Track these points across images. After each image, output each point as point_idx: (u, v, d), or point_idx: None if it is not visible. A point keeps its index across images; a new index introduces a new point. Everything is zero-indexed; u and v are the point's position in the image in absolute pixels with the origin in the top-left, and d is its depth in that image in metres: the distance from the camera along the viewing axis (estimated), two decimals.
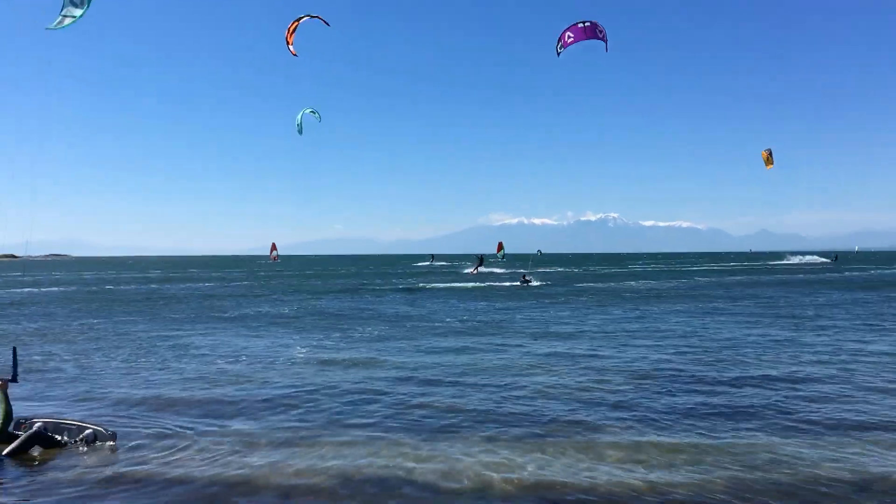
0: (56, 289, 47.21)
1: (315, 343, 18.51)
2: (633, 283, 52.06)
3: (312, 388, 12.45)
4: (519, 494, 7.07)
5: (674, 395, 11.49)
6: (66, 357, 16.38)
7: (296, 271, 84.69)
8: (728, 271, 75.33)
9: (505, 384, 12.55)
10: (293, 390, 12.29)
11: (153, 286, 50.67)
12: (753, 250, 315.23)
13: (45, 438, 8.57)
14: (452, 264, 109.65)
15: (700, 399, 11.22)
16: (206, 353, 16.94)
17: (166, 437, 9.32)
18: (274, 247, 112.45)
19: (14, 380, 8.72)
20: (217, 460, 8.25)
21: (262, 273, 79.00)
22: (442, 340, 18.75)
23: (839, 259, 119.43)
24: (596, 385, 12.40)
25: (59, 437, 8.75)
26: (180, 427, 9.79)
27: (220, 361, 15.57)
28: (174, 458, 8.37)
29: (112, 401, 11.58)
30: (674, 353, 15.87)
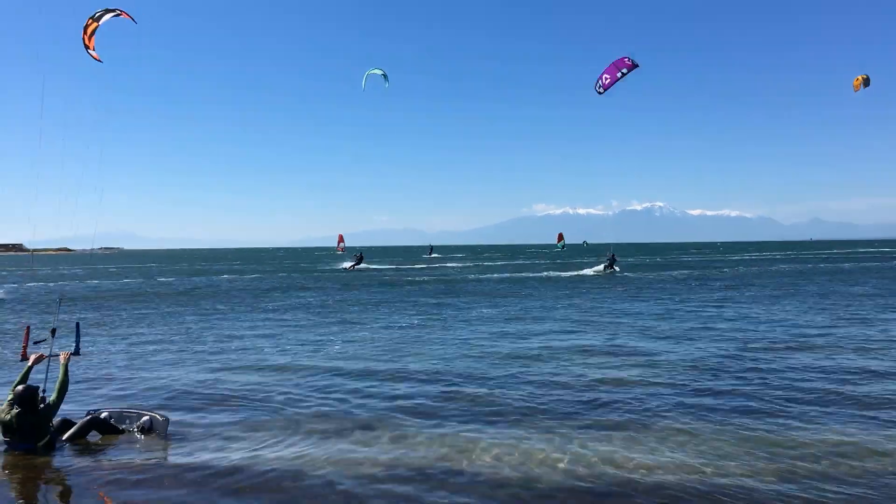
0: (130, 281, 48.33)
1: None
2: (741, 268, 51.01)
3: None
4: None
5: None
6: (133, 346, 16.81)
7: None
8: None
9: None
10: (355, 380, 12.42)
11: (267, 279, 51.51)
12: (813, 239, 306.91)
13: (102, 424, 8.81)
14: (450, 256, 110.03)
15: None
16: (265, 343, 17.24)
17: (220, 425, 9.50)
18: (341, 238, 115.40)
19: (77, 353, 8.97)
20: (270, 447, 8.38)
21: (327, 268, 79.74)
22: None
23: None
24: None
25: (117, 425, 9.00)
26: (232, 415, 9.98)
27: (276, 350, 15.84)
28: (227, 445, 8.52)
29: (171, 389, 11.85)
30: None
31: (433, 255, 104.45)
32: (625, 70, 20.07)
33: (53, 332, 9.45)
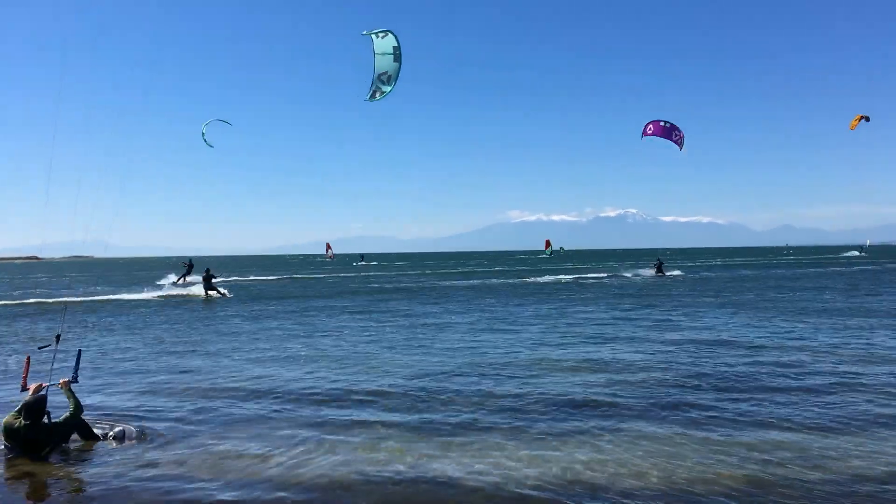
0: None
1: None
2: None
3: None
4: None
5: None
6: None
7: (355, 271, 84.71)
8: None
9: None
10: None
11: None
12: (788, 244, 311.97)
13: (84, 428, 8.81)
14: (381, 264, 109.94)
15: None
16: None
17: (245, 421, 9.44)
18: (329, 246, 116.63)
19: (75, 380, 9.06)
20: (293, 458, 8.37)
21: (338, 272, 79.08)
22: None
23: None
24: None
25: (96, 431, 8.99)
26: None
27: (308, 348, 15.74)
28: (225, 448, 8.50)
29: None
30: None
31: (362, 263, 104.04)
32: (674, 141, 21.27)
33: (58, 338, 9.52)
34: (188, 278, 47.04)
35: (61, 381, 8.86)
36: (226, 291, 37.13)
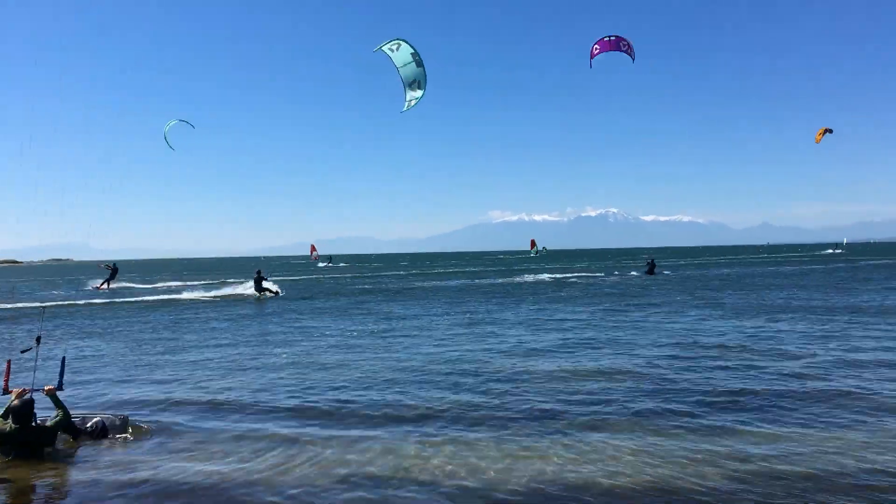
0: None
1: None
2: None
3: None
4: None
5: None
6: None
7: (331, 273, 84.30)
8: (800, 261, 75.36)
9: None
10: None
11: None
12: (770, 243, 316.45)
13: (71, 426, 8.90)
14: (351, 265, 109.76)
15: None
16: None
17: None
18: (314, 248, 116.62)
19: (60, 388, 9.09)
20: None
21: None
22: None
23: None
24: None
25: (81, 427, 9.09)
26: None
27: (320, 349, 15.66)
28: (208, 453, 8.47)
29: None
30: None
31: (329, 265, 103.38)
32: (624, 51, 20.22)
33: (38, 339, 9.67)
34: (112, 284, 45.08)
35: (46, 388, 8.87)
36: (277, 290, 37.57)
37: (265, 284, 36.90)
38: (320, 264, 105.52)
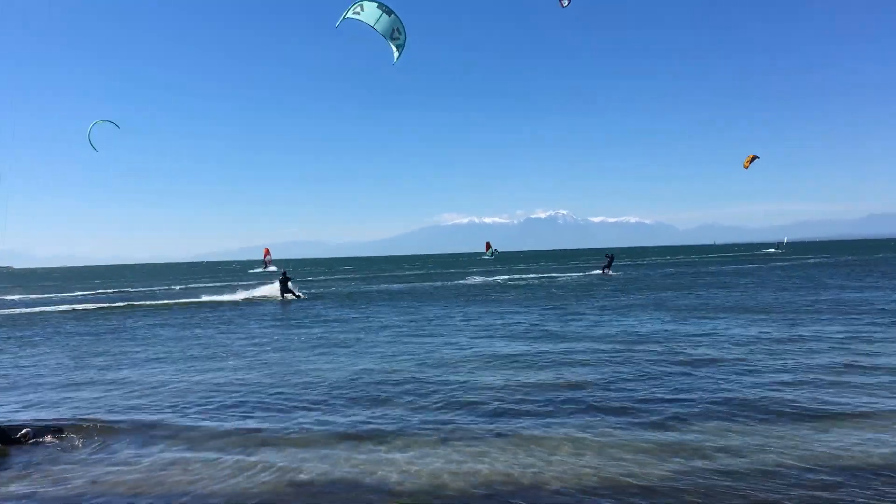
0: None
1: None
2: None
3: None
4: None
5: None
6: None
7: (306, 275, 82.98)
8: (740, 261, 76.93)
9: None
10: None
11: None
12: (717, 243, 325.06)
13: (2, 433, 8.80)
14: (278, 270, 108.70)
15: None
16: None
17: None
18: (267, 252, 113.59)
19: None
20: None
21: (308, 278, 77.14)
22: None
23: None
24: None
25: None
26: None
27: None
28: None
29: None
30: None
31: (267, 270, 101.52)
32: None
33: None
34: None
35: None
36: (300, 293, 37.64)
37: (289, 286, 36.82)
38: (270, 268, 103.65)
